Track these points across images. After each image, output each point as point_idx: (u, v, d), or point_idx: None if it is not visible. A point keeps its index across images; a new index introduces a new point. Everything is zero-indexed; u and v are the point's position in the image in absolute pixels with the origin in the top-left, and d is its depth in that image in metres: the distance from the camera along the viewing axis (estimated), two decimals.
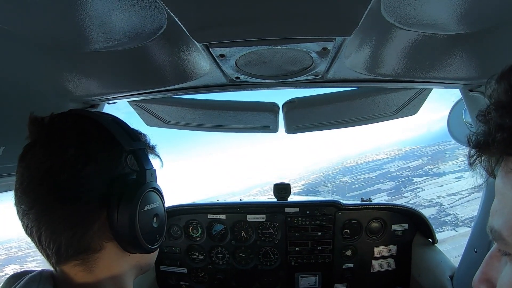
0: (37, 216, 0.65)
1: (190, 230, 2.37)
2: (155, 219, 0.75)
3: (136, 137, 0.78)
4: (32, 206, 0.65)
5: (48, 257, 0.68)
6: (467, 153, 0.55)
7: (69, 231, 0.65)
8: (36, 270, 0.70)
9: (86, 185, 0.66)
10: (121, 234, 0.68)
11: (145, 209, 0.71)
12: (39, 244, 0.66)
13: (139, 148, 0.75)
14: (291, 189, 2.39)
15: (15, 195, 0.67)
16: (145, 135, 0.86)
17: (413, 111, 1.77)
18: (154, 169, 0.77)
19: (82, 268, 0.68)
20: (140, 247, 0.71)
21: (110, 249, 0.70)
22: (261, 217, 2.29)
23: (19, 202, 0.66)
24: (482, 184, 0.55)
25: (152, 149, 0.86)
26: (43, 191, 0.64)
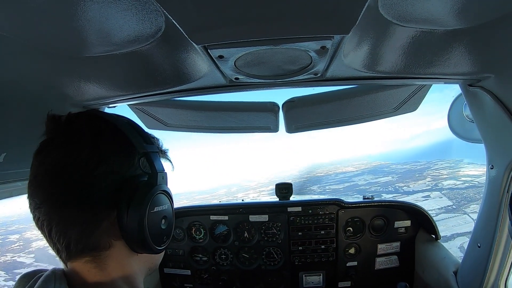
0: (48, 211, 0.67)
1: (193, 231, 2.37)
2: (163, 221, 0.77)
3: (149, 140, 0.80)
4: (44, 200, 0.67)
5: (58, 251, 0.69)
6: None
7: (79, 228, 0.67)
8: (48, 269, 0.71)
9: (98, 184, 0.68)
10: (129, 234, 0.70)
11: (154, 210, 0.73)
12: (49, 238, 0.68)
13: (152, 151, 0.77)
14: (258, 192, 2.40)
15: (29, 188, 0.69)
16: (158, 139, 0.87)
17: (413, 108, 1.77)
18: (166, 172, 0.79)
19: (94, 265, 0.70)
20: (148, 248, 0.73)
21: (119, 247, 0.72)
22: (264, 217, 2.29)
23: (31, 196, 0.68)
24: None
25: (163, 153, 0.88)
26: (56, 187, 0.66)
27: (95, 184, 0.67)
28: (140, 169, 0.74)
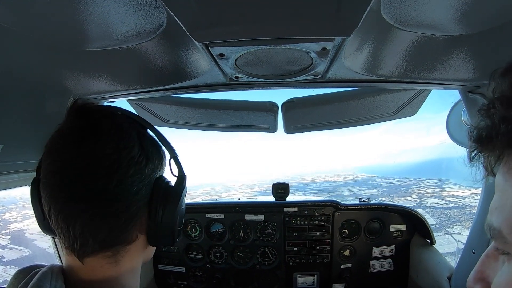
0: (93, 204, 0.65)
1: (189, 229, 2.37)
2: (182, 217, 0.83)
3: (173, 145, 0.85)
4: (90, 194, 0.65)
5: (83, 246, 0.67)
6: (467, 148, 0.53)
7: (120, 223, 0.69)
8: (45, 265, 0.70)
9: (145, 182, 0.72)
10: (160, 230, 0.75)
11: (183, 207, 0.81)
12: (80, 232, 0.65)
13: (178, 156, 0.83)
14: (242, 194, 2.40)
15: (64, 177, 0.66)
16: None
17: (412, 112, 1.77)
18: (186, 175, 0.85)
19: (111, 260, 0.71)
20: (171, 241, 0.79)
21: (140, 241, 0.75)
22: (260, 217, 2.29)
23: (68, 186, 0.65)
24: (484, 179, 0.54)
25: None
26: (109, 182, 0.66)
27: (143, 181, 0.71)
28: (163, 171, 0.82)
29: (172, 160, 0.84)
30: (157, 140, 0.81)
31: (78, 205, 0.65)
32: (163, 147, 0.82)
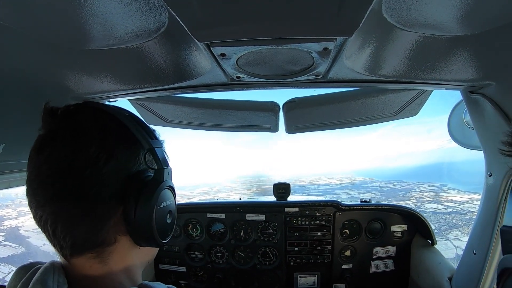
0: (54, 210, 0.65)
1: (190, 229, 2.37)
2: (168, 215, 0.78)
3: (153, 135, 0.80)
4: (50, 198, 0.65)
5: (61, 248, 0.68)
6: (505, 140, 0.53)
7: (87, 225, 0.66)
8: (45, 262, 0.71)
9: (107, 182, 0.67)
10: (137, 229, 0.71)
11: (161, 206, 0.74)
12: (53, 236, 0.66)
13: (157, 147, 0.76)
14: (240, 195, 2.40)
15: (30, 186, 0.67)
16: (155, 131, 0.86)
17: (414, 112, 1.77)
18: (170, 168, 0.79)
19: (98, 260, 0.70)
20: (154, 242, 0.74)
21: (124, 242, 0.72)
22: (261, 217, 2.29)
23: (34, 194, 0.66)
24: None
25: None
26: (64, 186, 0.64)
27: (104, 181, 0.67)
28: (145, 164, 0.75)
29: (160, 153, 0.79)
30: (134, 131, 0.74)
31: (45, 209, 0.65)
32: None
